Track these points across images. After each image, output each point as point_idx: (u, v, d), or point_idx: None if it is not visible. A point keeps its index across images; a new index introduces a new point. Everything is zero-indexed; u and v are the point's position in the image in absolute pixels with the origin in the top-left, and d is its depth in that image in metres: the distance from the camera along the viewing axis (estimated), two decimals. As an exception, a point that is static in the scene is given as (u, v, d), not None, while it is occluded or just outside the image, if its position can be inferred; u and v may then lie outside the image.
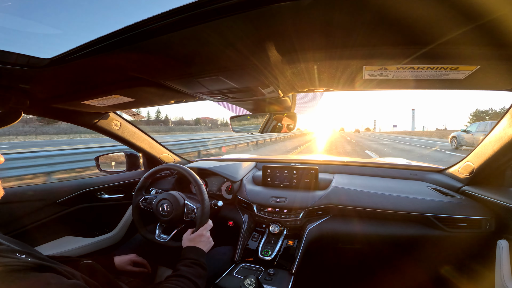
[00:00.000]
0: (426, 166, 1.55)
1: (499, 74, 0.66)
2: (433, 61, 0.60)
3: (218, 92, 0.93)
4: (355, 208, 1.24)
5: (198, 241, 1.00)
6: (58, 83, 0.85)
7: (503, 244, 0.98)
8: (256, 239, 1.29)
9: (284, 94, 0.96)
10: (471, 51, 0.53)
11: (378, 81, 0.76)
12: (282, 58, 0.63)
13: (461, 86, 0.77)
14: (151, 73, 0.78)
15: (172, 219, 1.16)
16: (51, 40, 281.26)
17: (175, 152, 1.91)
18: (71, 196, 1.41)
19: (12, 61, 0.65)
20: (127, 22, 0.54)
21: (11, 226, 1.17)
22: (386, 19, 0.43)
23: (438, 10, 0.40)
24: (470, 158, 1.19)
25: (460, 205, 1.14)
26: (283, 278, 1.07)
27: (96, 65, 0.70)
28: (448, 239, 1.12)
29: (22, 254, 0.53)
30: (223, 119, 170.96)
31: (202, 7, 0.42)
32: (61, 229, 1.39)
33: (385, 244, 1.25)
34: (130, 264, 1.11)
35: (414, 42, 0.51)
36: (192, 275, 0.83)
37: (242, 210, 1.44)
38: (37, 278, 0.47)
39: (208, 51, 0.60)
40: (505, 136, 0.96)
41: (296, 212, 1.30)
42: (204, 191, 1.15)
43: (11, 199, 1.19)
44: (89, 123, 1.35)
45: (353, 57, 0.61)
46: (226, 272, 1.11)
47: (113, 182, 1.62)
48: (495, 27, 0.43)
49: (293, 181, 1.48)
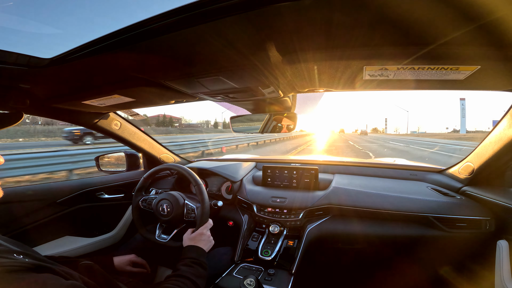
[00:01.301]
0: (426, 167, 1.55)
1: (500, 74, 0.66)
2: (434, 62, 0.60)
3: (218, 92, 0.93)
4: (355, 209, 1.24)
5: (198, 240, 1.00)
6: (59, 83, 0.85)
7: (503, 245, 0.98)
8: (256, 239, 1.29)
9: (284, 94, 0.96)
10: (471, 51, 0.53)
11: (379, 81, 0.76)
12: (283, 58, 0.63)
13: (461, 87, 0.77)
14: (151, 73, 0.78)
15: (172, 219, 1.16)
16: (51, 40, 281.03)
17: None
18: (71, 196, 1.40)
19: (12, 61, 0.65)
20: (128, 22, 0.54)
21: (11, 226, 1.17)
22: (386, 19, 0.43)
23: (438, 10, 0.40)
24: (470, 158, 1.19)
25: (460, 205, 1.14)
26: (283, 278, 1.07)
27: (97, 65, 0.70)
28: (448, 240, 1.12)
29: (20, 254, 0.53)
30: (190, 119, 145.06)
31: (202, 7, 0.42)
32: (60, 229, 1.38)
33: (385, 245, 1.25)
34: (129, 264, 1.11)
35: (414, 43, 0.51)
36: (192, 274, 0.83)
37: (242, 210, 1.44)
38: (34, 279, 0.47)
39: (208, 51, 0.60)
40: (505, 137, 0.96)
41: (296, 212, 1.30)
42: (204, 191, 1.15)
43: (11, 199, 1.18)
44: (89, 123, 1.35)
45: (353, 57, 0.61)
46: (226, 272, 1.11)
47: (113, 182, 1.62)
48: (496, 28, 0.43)
49: (293, 181, 1.48)
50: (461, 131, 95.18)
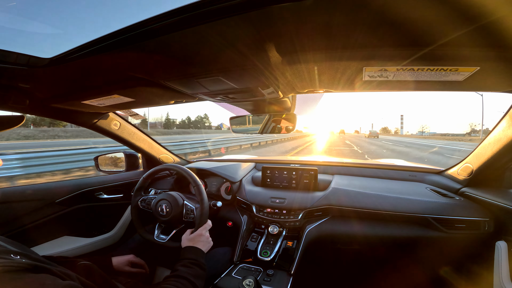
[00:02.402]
0: (425, 168, 1.55)
1: (499, 75, 0.66)
2: (433, 63, 0.60)
3: (218, 92, 0.93)
4: (354, 209, 1.24)
5: (197, 241, 1.00)
6: (58, 82, 0.85)
7: (501, 246, 0.98)
8: (255, 239, 1.29)
9: (284, 95, 0.96)
10: (470, 52, 0.53)
11: (378, 82, 0.76)
12: (283, 59, 0.63)
13: (460, 88, 0.77)
14: (151, 73, 0.78)
15: (171, 220, 1.16)
16: (51, 40, 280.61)
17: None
18: (70, 196, 1.40)
19: (12, 61, 0.65)
20: (128, 22, 0.54)
21: (9, 226, 1.17)
22: (386, 20, 0.43)
23: (437, 11, 0.40)
24: (469, 159, 1.20)
25: (459, 206, 1.14)
26: (282, 279, 1.07)
27: (96, 65, 0.70)
28: (447, 240, 1.12)
29: (17, 255, 0.52)
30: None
31: (203, 7, 0.42)
32: (59, 229, 1.38)
33: (384, 245, 1.25)
34: (128, 264, 1.10)
35: (414, 43, 0.52)
36: (191, 275, 0.83)
37: (241, 211, 1.43)
38: (31, 279, 0.47)
39: (208, 52, 0.60)
40: (504, 138, 0.96)
41: (295, 213, 1.30)
42: (203, 191, 1.15)
43: (9, 198, 1.18)
44: (89, 123, 1.34)
45: (353, 58, 0.61)
46: (225, 272, 1.11)
47: (112, 182, 1.61)
48: (495, 29, 0.43)
49: (292, 182, 1.48)
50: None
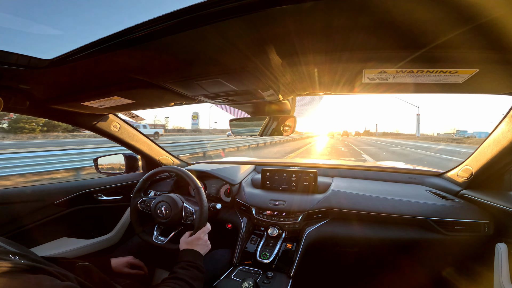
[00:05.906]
0: (425, 170, 1.55)
1: (498, 78, 0.66)
2: (432, 65, 0.60)
3: (217, 94, 0.93)
4: (354, 212, 1.23)
5: (195, 244, 1.00)
6: (58, 84, 0.85)
7: (501, 248, 0.98)
8: (254, 242, 1.29)
9: (284, 97, 0.96)
10: (470, 55, 0.54)
11: (378, 84, 0.77)
12: (282, 61, 0.63)
13: (460, 90, 0.77)
14: (151, 75, 0.78)
15: (170, 222, 1.15)
16: (52, 41, 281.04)
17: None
18: (69, 197, 1.40)
19: (12, 62, 0.65)
20: (128, 24, 0.54)
21: (8, 227, 1.16)
22: (385, 22, 0.44)
23: (435, 11, 0.40)
24: (469, 162, 1.20)
25: (459, 208, 1.14)
26: (281, 281, 1.07)
27: (97, 66, 0.70)
28: (447, 243, 1.12)
29: (16, 255, 0.52)
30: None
31: (203, 9, 0.42)
32: (58, 230, 1.37)
33: (384, 248, 1.25)
34: (127, 266, 1.10)
35: (413, 45, 0.52)
36: (189, 277, 0.83)
37: (240, 213, 1.43)
38: (29, 280, 0.47)
39: (208, 54, 0.60)
40: (504, 140, 0.96)
41: (295, 215, 1.30)
42: (203, 194, 1.14)
43: (8, 199, 1.18)
44: (88, 125, 1.34)
45: (352, 60, 0.61)
46: (224, 274, 1.10)
47: (112, 183, 1.61)
48: (494, 30, 0.43)
49: (292, 184, 1.48)
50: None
